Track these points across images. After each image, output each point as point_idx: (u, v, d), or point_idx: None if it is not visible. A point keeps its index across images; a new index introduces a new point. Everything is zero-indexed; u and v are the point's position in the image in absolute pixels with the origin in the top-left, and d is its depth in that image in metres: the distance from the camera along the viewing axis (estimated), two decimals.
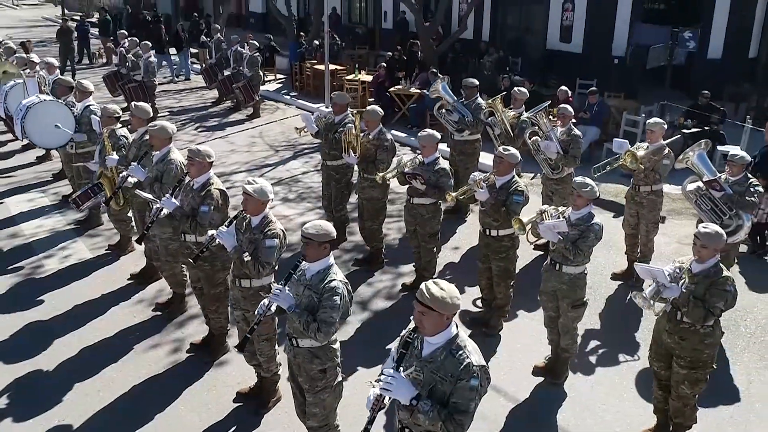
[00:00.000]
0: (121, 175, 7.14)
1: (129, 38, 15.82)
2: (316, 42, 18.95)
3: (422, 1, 17.66)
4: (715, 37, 15.82)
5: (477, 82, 9.78)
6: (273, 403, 5.79)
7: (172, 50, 20.82)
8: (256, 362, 5.71)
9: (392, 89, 15.24)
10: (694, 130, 11.85)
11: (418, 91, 14.82)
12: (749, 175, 6.94)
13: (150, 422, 5.63)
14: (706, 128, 11.92)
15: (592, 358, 6.70)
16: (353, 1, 25.21)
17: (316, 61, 18.26)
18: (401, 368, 3.58)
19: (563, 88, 13.19)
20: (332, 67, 16.96)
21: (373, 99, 15.80)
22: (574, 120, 12.53)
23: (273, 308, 4.56)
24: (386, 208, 8.29)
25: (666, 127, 7.89)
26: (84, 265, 8.30)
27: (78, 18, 24.17)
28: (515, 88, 9.47)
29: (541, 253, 8.46)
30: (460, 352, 3.52)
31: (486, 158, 9.80)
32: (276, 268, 5.46)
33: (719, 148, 11.31)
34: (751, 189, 6.77)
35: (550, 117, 9.24)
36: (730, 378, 6.39)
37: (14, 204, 10.15)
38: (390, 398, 3.59)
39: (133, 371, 6.30)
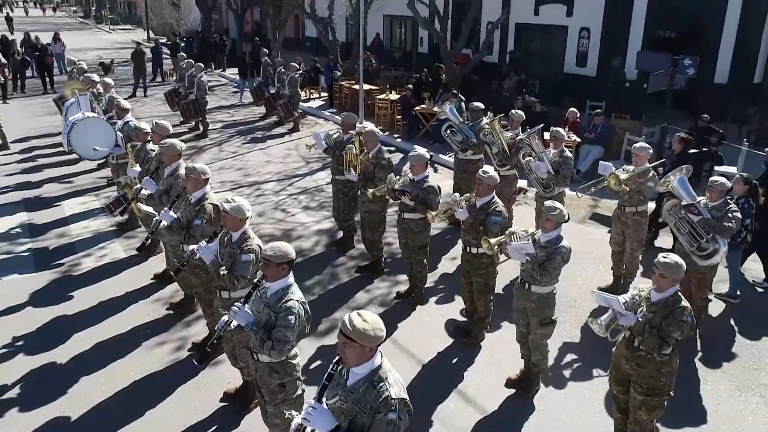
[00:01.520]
0: (135, 186, 6.95)
1: (186, 60, 15.77)
2: (356, 65, 18.59)
3: (447, 28, 17.16)
4: (722, 62, 14.91)
5: (482, 106, 9.28)
6: (255, 404, 5.45)
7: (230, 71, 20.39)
8: (239, 366, 5.39)
9: (417, 108, 14.81)
10: (692, 151, 11.04)
11: None
12: (728, 201, 6.28)
13: (140, 418, 5.36)
14: (705, 149, 11.11)
15: (566, 372, 6.14)
16: (394, 27, 24.83)
17: (353, 81, 17.93)
18: (323, 399, 3.19)
19: (572, 109, 12.63)
20: (367, 87, 16.65)
21: (400, 116, 15.42)
22: (578, 139, 11.98)
23: (233, 324, 4.22)
24: (385, 221, 7.86)
25: (651, 151, 7.27)
26: (116, 265, 8.14)
27: (154, 41, 24.40)
28: (512, 111, 8.92)
29: None
30: (381, 384, 3.10)
31: None
32: (254, 281, 5.12)
33: (716, 168, 10.50)
34: (729, 215, 6.12)
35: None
36: (700, 399, 5.75)
37: (69, 207, 10.11)
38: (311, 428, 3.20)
39: (137, 367, 6.06)
